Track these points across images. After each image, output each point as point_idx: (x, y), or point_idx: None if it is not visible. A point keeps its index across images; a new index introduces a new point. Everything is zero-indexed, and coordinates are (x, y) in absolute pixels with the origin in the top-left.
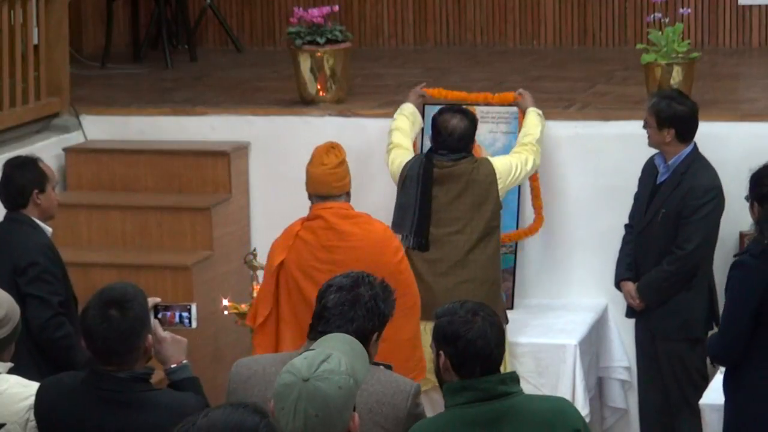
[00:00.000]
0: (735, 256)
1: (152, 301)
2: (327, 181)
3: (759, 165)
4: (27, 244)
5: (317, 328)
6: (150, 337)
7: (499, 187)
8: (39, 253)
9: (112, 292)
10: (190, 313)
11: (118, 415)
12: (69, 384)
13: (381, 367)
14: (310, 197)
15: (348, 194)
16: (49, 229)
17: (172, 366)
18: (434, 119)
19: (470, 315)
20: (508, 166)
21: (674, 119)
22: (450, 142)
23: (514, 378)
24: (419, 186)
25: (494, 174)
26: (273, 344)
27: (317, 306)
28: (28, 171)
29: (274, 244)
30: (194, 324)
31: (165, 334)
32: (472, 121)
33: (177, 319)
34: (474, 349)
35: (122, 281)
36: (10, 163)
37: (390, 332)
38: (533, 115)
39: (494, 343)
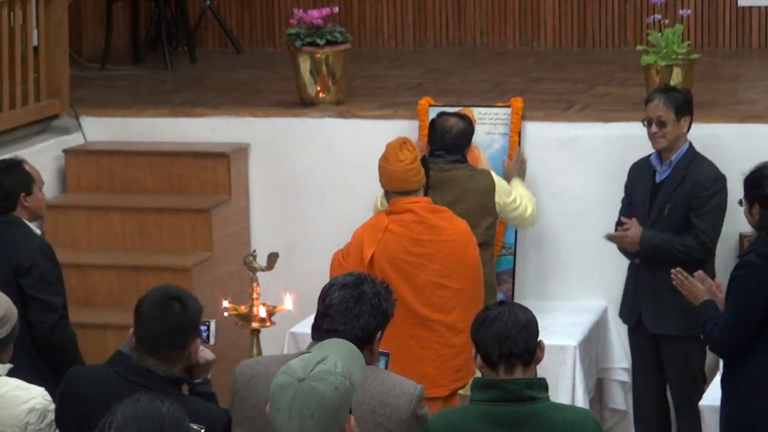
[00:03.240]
0: (739, 256)
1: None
2: (407, 177)
3: (752, 168)
4: (27, 244)
5: (323, 327)
6: (198, 342)
7: (496, 200)
8: (41, 253)
9: (174, 290)
10: (209, 329)
11: None
12: (101, 373)
13: (381, 366)
14: (387, 193)
15: (423, 187)
16: (38, 231)
17: (196, 381)
18: (432, 122)
19: (496, 305)
20: (509, 189)
21: (689, 106)
22: (447, 140)
23: (542, 384)
24: None
25: (493, 186)
26: None
27: (320, 305)
28: (13, 174)
29: (359, 236)
30: (212, 340)
31: (209, 354)
32: (470, 124)
33: None
34: (492, 331)
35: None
36: None
37: (464, 324)
38: (518, 182)
39: (511, 325)
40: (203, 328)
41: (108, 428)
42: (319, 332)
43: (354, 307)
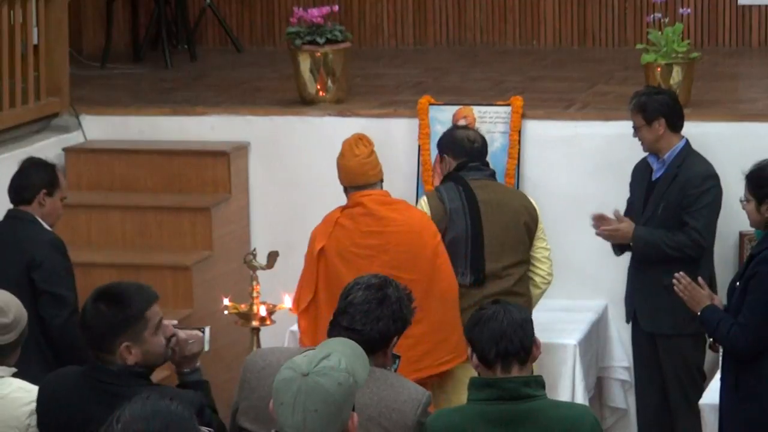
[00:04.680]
0: (758, 253)
1: (169, 323)
2: (363, 171)
3: (754, 166)
4: (39, 239)
5: (341, 324)
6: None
7: (538, 226)
8: (52, 248)
9: (107, 288)
10: (204, 335)
11: (115, 408)
12: (71, 377)
13: (393, 370)
14: (346, 189)
15: (382, 181)
16: (49, 229)
17: (185, 369)
18: (449, 139)
19: (491, 304)
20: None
21: (661, 108)
22: (477, 149)
23: (539, 382)
24: (467, 215)
25: (537, 215)
26: (314, 328)
27: (341, 302)
28: (43, 170)
29: (314, 231)
30: (207, 347)
31: (183, 334)
32: (483, 137)
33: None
34: (487, 330)
35: (133, 282)
36: (30, 160)
37: (421, 315)
38: None
39: (507, 323)
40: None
41: (116, 424)
42: (337, 329)
43: (376, 309)
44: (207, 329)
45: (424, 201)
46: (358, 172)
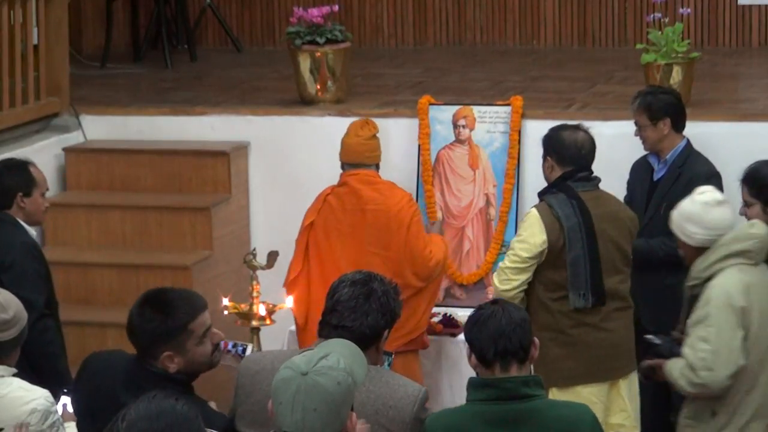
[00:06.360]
0: None
1: (217, 337)
2: (360, 151)
3: (750, 168)
4: (11, 242)
5: (331, 322)
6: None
7: None
8: (23, 250)
9: (157, 295)
10: (244, 351)
11: None
12: (118, 357)
13: (386, 367)
14: (343, 166)
15: (377, 166)
16: (33, 231)
17: None
18: (557, 141)
19: (489, 304)
20: None
21: (667, 108)
22: (584, 157)
23: (537, 381)
24: (584, 233)
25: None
26: (305, 299)
27: (329, 301)
28: (16, 173)
29: (308, 208)
30: None
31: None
32: (592, 138)
33: (230, 346)
34: (486, 330)
35: (182, 290)
36: (1, 164)
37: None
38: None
39: (506, 323)
40: (239, 349)
41: (121, 422)
42: (327, 328)
43: (363, 304)
44: (249, 346)
45: (536, 216)
46: (356, 150)
